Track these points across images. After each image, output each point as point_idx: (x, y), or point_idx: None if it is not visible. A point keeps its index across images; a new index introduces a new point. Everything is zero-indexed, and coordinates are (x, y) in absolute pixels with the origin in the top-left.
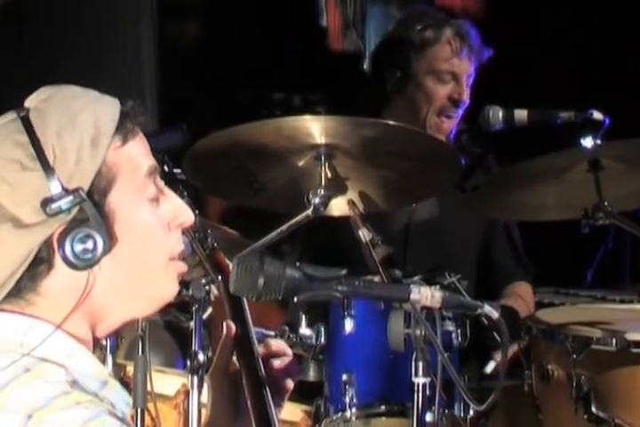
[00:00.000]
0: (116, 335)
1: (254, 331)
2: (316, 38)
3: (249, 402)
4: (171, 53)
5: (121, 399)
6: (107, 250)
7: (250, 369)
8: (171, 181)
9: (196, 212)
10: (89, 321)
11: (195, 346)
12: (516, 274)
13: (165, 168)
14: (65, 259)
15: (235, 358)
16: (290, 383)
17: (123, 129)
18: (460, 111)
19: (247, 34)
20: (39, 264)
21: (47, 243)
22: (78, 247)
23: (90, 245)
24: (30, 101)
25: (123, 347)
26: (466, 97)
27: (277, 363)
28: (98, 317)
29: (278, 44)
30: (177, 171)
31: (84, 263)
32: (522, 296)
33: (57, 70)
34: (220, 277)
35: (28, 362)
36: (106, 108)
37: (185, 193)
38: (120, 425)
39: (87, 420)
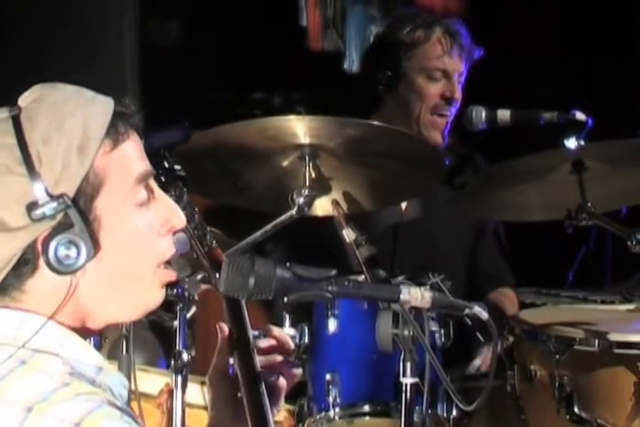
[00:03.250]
0: (100, 335)
1: None
2: (295, 38)
3: (244, 399)
4: (153, 53)
5: (118, 382)
6: (90, 256)
7: (246, 367)
8: (171, 177)
9: (195, 209)
10: (77, 318)
11: (178, 345)
12: (500, 278)
13: (166, 164)
14: (48, 263)
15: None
16: (283, 382)
17: (114, 132)
18: (453, 110)
19: (228, 33)
20: (24, 265)
21: (32, 246)
22: (61, 253)
23: (73, 251)
24: (23, 100)
25: (106, 346)
26: (458, 95)
27: (264, 360)
28: (85, 316)
29: (258, 43)
30: (177, 167)
31: (66, 269)
32: (507, 297)
33: (40, 70)
34: (217, 275)
35: (23, 354)
36: (96, 112)
37: (185, 190)
38: (120, 415)
39: (88, 412)
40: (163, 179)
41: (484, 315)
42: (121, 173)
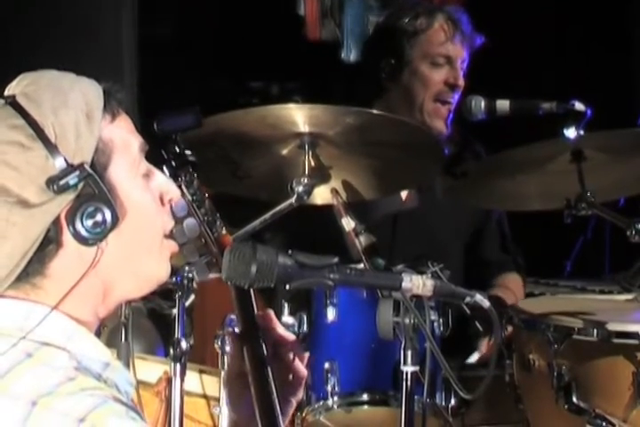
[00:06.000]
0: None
1: (234, 318)
2: (293, 27)
3: (252, 387)
4: (150, 43)
5: (124, 380)
6: (116, 223)
7: (254, 355)
8: (181, 162)
9: (206, 195)
10: (92, 299)
11: (177, 333)
12: (504, 265)
13: (176, 149)
14: (76, 235)
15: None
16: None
17: (109, 106)
18: (456, 96)
19: (226, 22)
20: (48, 244)
21: (55, 221)
22: (88, 222)
23: (99, 218)
24: (12, 89)
25: (104, 334)
26: (461, 82)
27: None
28: (101, 294)
29: (256, 32)
30: (187, 152)
31: (95, 237)
32: (510, 288)
33: (36, 61)
34: None
35: (30, 347)
36: (90, 86)
37: (195, 175)
38: (126, 411)
39: (93, 407)
40: (173, 164)
41: (486, 303)
42: (124, 143)
